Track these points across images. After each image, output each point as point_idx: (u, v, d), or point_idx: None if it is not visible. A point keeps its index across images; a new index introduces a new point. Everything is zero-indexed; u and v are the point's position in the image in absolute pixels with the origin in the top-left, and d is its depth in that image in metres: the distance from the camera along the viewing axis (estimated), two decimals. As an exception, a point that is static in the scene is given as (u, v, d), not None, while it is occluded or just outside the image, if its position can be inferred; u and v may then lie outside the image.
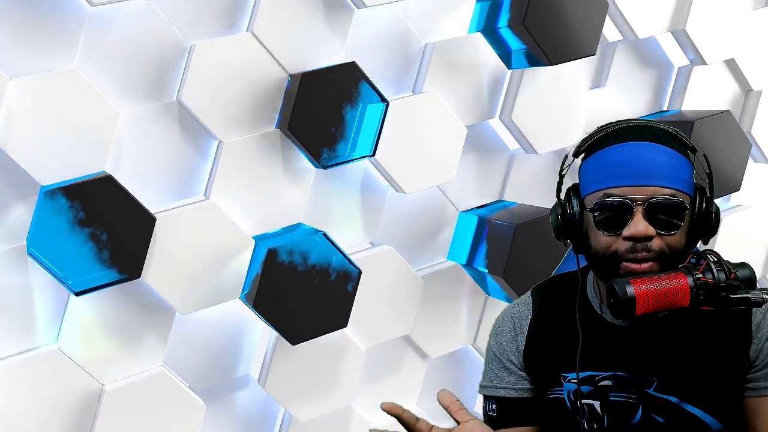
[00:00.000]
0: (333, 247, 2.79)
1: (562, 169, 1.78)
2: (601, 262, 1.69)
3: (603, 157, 1.70)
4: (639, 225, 1.62)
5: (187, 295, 2.67)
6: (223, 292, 2.74)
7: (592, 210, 1.68)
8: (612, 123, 1.74)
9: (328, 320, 2.84)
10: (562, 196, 1.78)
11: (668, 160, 1.66)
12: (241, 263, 2.75)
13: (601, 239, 1.67)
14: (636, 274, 1.62)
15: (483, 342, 3.19)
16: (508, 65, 3.07)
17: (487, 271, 3.09)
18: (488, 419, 1.86)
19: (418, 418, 1.57)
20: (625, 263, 1.64)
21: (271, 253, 2.70)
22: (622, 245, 1.65)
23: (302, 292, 2.77)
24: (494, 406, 1.85)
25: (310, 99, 2.71)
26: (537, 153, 3.16)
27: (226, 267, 2.73)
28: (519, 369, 1.85)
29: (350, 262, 2.83)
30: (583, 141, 1.76)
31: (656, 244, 1.63)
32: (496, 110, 3.12)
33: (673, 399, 1.72)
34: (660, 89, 3.47)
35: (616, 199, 1.64)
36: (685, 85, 3.45)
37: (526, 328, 1.85)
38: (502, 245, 3.03)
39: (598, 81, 3.34)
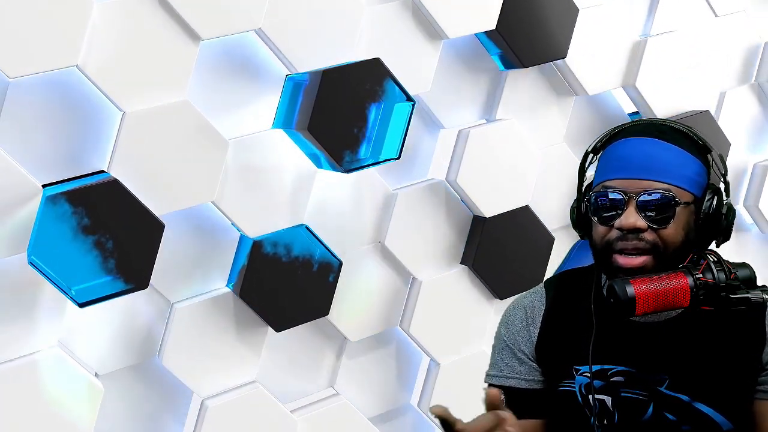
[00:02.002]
0: (315, 240, 2.87)
1: (583, 165, 1.82)
2: (597, 253, 1.75)
3: (608, 153, 1.78)
4: (630, 217, 1.67)
5: (178, 287, 2.72)
6: (211, 283, 2.81)
7: (590, 201, 1.74)
8: (628, 122, 1.82)
9: (310, 309, 2.91)
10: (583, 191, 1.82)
11: (669, 157, 1.71)
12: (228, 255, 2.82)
13: (597, 230, 1.74)
14: (629, 269, 1.67)
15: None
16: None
17: (459, 262, 3.16)
18: None
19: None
20: (616, 256, 1.70)
21: (257, 245, 2.77)
22: (613, 234, 1.70)
23: (286, 282, 2.83)
24: (502, 397, 1.78)
25: (331, 98, 2.63)
26: None
27: (214, 259, 2.80)
28: (531, 360, 1.86)
29: (331, 253, 2.90)
30: (599, 138, 1.81)
31: (649, 237, 1.68)
32: (494, 112, 3.15)
33: (684, 398, 1.75)
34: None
35: (611, 191, 1.70)
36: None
37: (539, 319, 1.87)
38: (472, 237, 3.11)
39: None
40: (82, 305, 2.40)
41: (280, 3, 2.64)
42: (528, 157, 3.20)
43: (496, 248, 3.11)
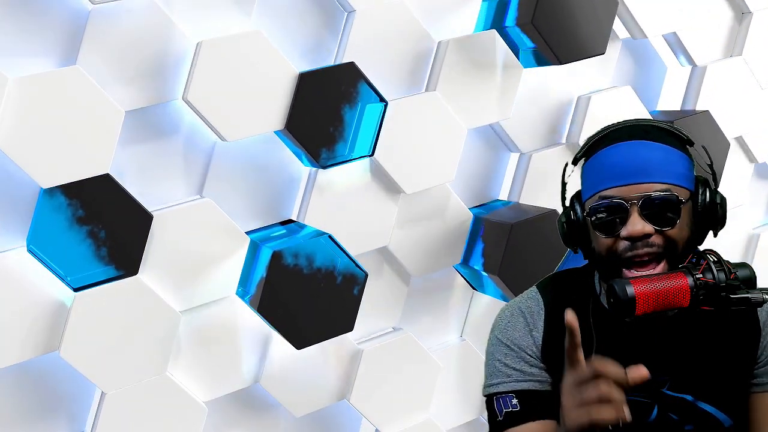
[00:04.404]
0: (339, 250, 2.75)
1: (564, 178, 1.80)
2: (603, 264, 1.71)
3: (597, 160, 1.73)
4: (636, 224, 1.64)
5: (182, 292, 2.66)
6: (218, 289, 2.72)
7: (589, 213, 1.71)
8: (607, 126, 1.76)
9: (333, 324, 2.80)
10: (567, 203, 1.80)
11: (661, 156, 1.68)
12: (235, 260, 2.73)
13: (601, 241, 1.70)
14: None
15: (469, 335, 3.22)
16: (517, 65, 3.04)
17: (482, 269, 3.06)
18: (507, 417, 1.77)
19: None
20: (627, 269, 1.66)
21: (276, 256, 2.66)
22: (621, 245, 1.67)
23: (307, 295, 2.73)
24: (515, 401, 1.77)
25: (308, 99, 2.69)
26: (522, 152, 3.16)
27: (220, 264, 2.71)
28: (539, 363, 1.80)
29: (356, 264, 2.79)
30: (582, 147, 1.78)
31: (657, 240, 1.65)
32: (510, 110, 3.08)
33: (688, 397, 1.74)
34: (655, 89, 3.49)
35: (610, 200, 1.67)
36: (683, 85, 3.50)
37: (540, 324, 1.82)
38: (498, 244, 3.00)
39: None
40: (76, 290, 2.51)
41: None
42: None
43: (522, 255, 3.02)
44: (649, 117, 3.26)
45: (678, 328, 1.75)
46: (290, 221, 2.89)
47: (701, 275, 1.57)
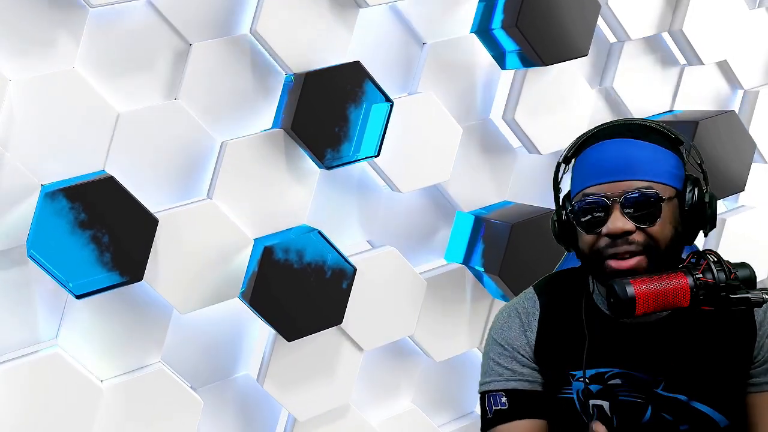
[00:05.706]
0: (328, 245, 2.80)
1: (556, 177, 1.80)
2: (588, 262, 1.71)
3: (581, 159, 1.74)
4: (617, 221, 1.63)
5: (186, 295, 2.67)
6: (222, 292, 2.75)
7: (573, 211, 1.71)
8: (595, 126, 1.76)
9: (323, 317, 2.85)
10: (560, 203, 1.80)
11: (644, 154, 1.67)
12: (240, 263, 2.75)
13: (584, 239, 1.70)
14: (622, 271, 1.64)
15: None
16: (502, 66, 3.08)
17: (483, 269, 3.09)
18: (495, 415, 1.79)
19: None
20: (608, 261, 1.66)
21: (267, 251, 2.71)
22: (602, 242, 1.66)
23: (298, 289, 2.77)
24: (504, 399, 1.78)
25: (314, 99, 2.69)
26: (540, 153, 3.18)
27: (225, 266, 2.73)
28: (532, 363, 1.81)
29: (345, 260, 2.83)
30: (569, 147, 1.78)
31: (638, 238, 1.64)
32: (489, 110, 3.13)
33: (682, 397, 1.73)
34: (663, 89, 3.50)
35: (592, 198, 1.67)
36: (679, 85, 3.50)
37: (535, 324, 1.82)
38: (498, 244, 3.02)
39: (601, 81, 3.37)
40: (79, 297, 2.47)
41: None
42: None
43: (523, 255, 3.05)
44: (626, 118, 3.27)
45: (672, 328, 1.74)
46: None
47: (701, 275, 1.56)
